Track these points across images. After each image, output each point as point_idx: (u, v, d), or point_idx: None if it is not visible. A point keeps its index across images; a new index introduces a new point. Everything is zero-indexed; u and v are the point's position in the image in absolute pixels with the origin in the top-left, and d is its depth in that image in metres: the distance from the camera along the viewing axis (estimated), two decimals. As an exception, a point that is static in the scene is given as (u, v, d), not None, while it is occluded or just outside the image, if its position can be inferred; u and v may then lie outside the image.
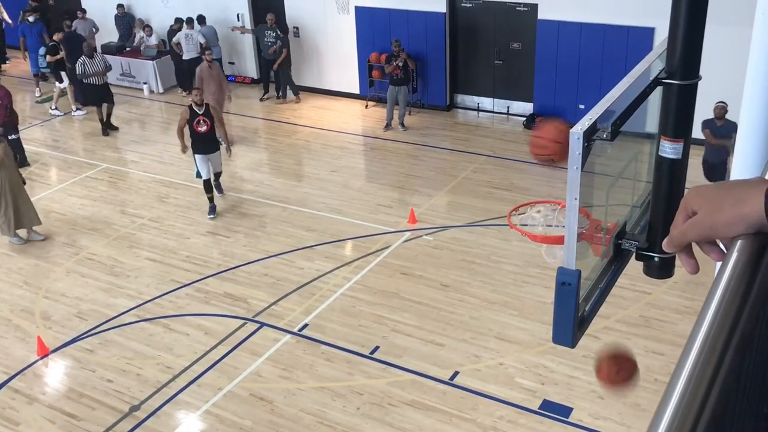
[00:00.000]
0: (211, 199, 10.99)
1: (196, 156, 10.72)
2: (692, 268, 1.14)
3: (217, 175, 11.27)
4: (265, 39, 15.16)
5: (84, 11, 17.24)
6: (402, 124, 13.98)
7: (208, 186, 10.92)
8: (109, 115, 14.51)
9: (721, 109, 9.82)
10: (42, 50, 15.87)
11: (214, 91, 12.62)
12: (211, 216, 10.93)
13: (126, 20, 17.30)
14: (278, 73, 15.35)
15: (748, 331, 0.84)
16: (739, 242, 0.95)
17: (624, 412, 6.94)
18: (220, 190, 11.47)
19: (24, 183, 10.71)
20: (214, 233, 10.65)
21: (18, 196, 10.34)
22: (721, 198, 1.00)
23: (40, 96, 16.77)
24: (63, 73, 15.42)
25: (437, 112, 14.83)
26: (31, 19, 16.92)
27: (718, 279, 0.89)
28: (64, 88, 15.47)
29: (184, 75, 16.09)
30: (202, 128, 10.48)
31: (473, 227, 10.44)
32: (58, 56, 15.24)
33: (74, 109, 15.49)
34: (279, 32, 15.06)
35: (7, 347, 8.44)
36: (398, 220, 10.70)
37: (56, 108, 15.60)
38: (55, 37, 15.48)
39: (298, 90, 15.61)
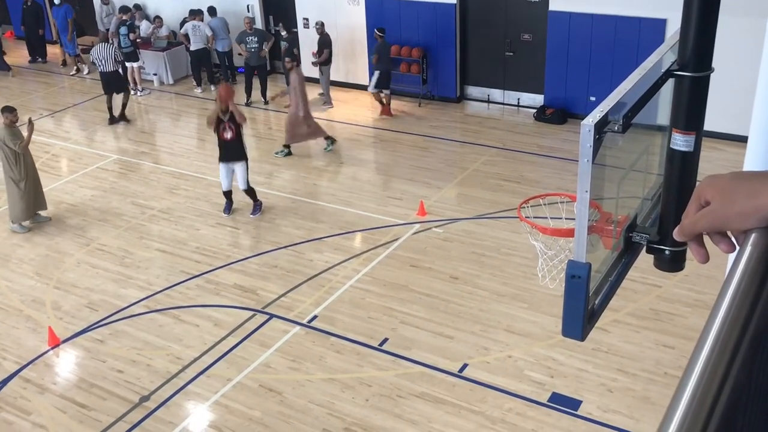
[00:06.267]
0: (228, 199, 10.85)
1: (220, 165, 10.55)
2: (702, 257, 1.12)
3: (244, 190, 10.70)
4: (248, 45, 14.92)
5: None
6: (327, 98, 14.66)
7: (227, 195, 10.78)
8: (123, 105, 14.56)
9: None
10: (124, 30, 15.76)
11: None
12: (226, 214, 10.79)
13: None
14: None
15: (762, 327, 0.82)
16: (753, 235, 0.93)
17: (633, 405, 6.92)
18: (253, 209, 10.82)
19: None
20: (223, 224, 10.67)
21: (37, 181, 10.63)
22: (735, 189, 0.99)
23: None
24: (138, 52, 16.07)
25: (447, 103, 14.79)
26: (56, 1, 17.14)
27: (731, 273, 0.87)
28: (140, 66, 16.11)
29: (192, 66, 16.17)
30: (228, 135, 10.27)
31: (483, 219, 10.42)
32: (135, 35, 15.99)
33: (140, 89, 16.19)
34: (284, 31, 14.92)
35: (18, 337, 8.49)
36: (407, 212, 10.69)
37: (140, 88, 16.10)
38: (125, 17, 16.04)
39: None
